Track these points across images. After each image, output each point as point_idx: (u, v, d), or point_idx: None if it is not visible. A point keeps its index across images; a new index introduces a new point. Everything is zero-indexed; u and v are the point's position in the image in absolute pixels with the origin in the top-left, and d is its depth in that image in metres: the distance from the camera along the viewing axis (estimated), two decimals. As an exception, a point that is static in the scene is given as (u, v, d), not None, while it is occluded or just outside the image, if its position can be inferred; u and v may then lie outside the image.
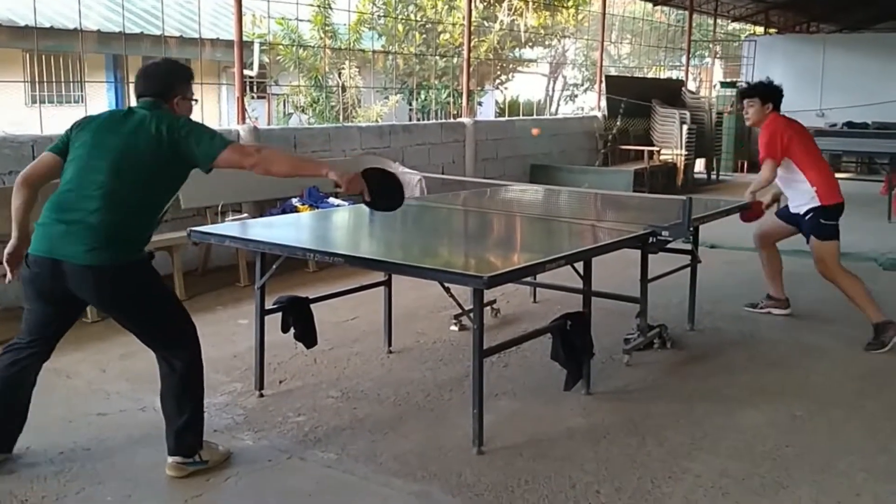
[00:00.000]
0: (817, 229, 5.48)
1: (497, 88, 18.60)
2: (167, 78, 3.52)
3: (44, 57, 13.11)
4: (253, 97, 13.78)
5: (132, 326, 3.47)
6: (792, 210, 5.72)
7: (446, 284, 4.02)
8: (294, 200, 7.24)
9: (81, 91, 13.18)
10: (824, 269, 5.56)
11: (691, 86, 17.61)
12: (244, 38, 8.11)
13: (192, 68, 3.72)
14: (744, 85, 6.04)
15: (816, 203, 5.47)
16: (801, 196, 5.55)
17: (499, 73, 17.76)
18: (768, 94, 5.73)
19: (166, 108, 3.44)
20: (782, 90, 5.88)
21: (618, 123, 13.29)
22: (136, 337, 3.50)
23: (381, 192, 3.64)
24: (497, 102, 19.39)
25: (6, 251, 3.45)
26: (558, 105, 21.88)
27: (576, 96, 21.95)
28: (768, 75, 6.73)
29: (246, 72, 8.77)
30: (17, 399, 3.47)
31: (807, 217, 5.54)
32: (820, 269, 5.59)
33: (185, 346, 3.47)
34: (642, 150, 12.87)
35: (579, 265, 4.23)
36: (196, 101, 3.66)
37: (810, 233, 5.54)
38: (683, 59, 17.42)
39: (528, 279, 5.53)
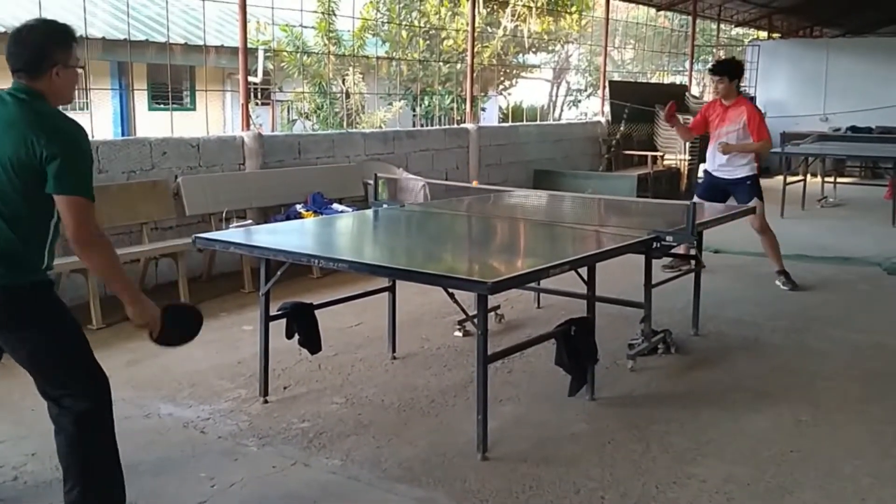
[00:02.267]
0: (758, 191, 6.78)
1: (500, 94, 18.61)
2: (42, 44, 2.82)
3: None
4: (257, 104, 13.81)
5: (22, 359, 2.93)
6: (723, 174, 6.86)
7: (450, 290, 4.03)
8: (298, 207, 7.25)
9: (86, 98, 13.20)
10: (762, 223, 6.86)
11: (695, 91, 17.58)
12: (248, 45, 8.13)
13: (73, 29, 2.94)
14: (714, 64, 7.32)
15: (753, 172, 6.78)
16: (741, 161, 6.77)
17: (502, 78, 17.78)
18: (735, 71, 6.85)
19: (44, 82, 2.81)
20: (744, 67, 7.11)
21: (621, 129, 13.29)
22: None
23: (175, 328, 3.21)
24: (500, 108, 19.39)
25: None
26: (562, 110, 21.86)
27: (579, 101, 21.92)
28: (772, 80, 7.79)
29: (250, 78, 8.78)
30: None
31: (747, 182, 6.77)
32: (758, 224, 6.83)
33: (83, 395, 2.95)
34: (646, 156, 12.87)
35: (583, 270, 4.24)
36: (83, 67, 3.05)
37: (753, 195, 6.69)
38: (687, 64, 17.41)
39: (532, 284, 5.53)
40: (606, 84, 13.93)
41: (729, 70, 6.78)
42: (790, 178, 11.53)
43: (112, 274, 2.95)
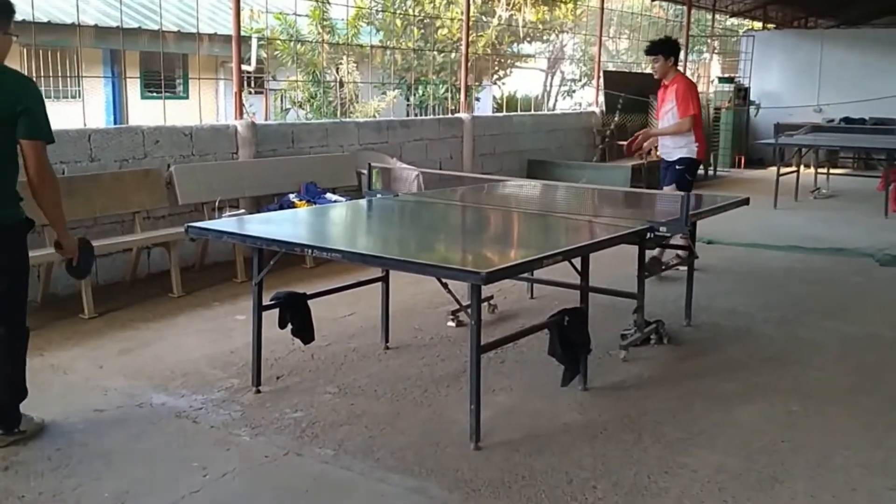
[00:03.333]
0: (682, 182, 6.54)
1: (495, 84, 18.58)
2: None
3: (41, 51, 13.09)
4: (251, 92, 13.75)
5: None
6: (664, 156, 6.78)
7: (444, 280, 4.03)
8: (291, 196, 7.24)
9: (79, 86, 13.16)
10: None
11: (689, 81, 17.59)
12: (242, 34, 8.09)
13: (11, 3, 3.67)
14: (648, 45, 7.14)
15: (692, 155, 6.59)
16: (679, 143, 6.62)
17: (497, 68, 17.75)
18: (669, 49, 6.72)
19: None
20: (679, 44, 7.01)
21: (616, 119, 13.28)
22: None
23: (86, 256, 4.00)
24: (495, 98, 19.37)
25: None
26: (556, 100, 21.84)
27: (574, 91, 21.90)
28: (766, 71, 7.71)
29: (244, 67, 8.75)
30: None
31: (677, 166, 6.60)
32: None
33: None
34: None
35: (577, 261, 4.24)
36: (17, 36, 3.69)
37: (674, 181, 6.57)
38: (681, 55, 17.39)
39: (526, 275, 5.53)
40: (601, 74, 13.91)
41: (663, 49, 6.75)
42: (783, 169, 11.55)
43: (59, 207, 3.67)
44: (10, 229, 3.58)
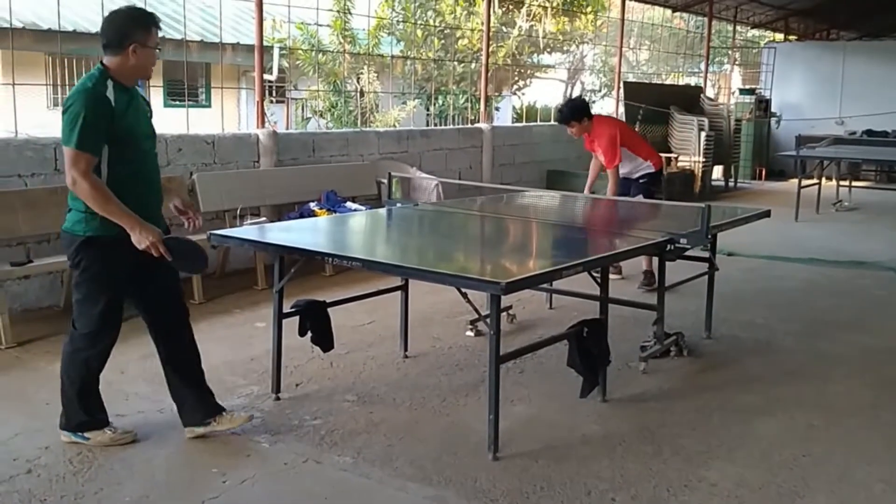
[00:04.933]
0: (647, 194, 6.77)
1: (515, 94, 18.61)
2: (122, 25, 3.46)
3: (66, 60, 13.24)
4: (272, 101, 13.85)
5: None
6: (624, 174, 6.86)
7: (463, 290, 4.04)
8: (312, 205, 7.28)
9: (103, 94, 13.27)
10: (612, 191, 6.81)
11: (710, 92, 17.54)
12: (264, 43, 8.16)
13: (156, 15, 3.58)
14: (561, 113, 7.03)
15: (651, 170, 6.88)
16: (636, 168, 6.88)
17: (516, 78, 17.77)
18: (577, 112, 6.75)
19: (115, 61, 3.47)
20: (583, 99, 7.40)
21: (636, 130, 13.24)
22: None
23: (180, 255, 3.63)
24: (514, 108, 19.39)
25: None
26: (576, 111, 21.83)
27: (594, 102, 21.91)
28: (787, 82, 7.64)
29: (265, 76, 8.81)
30: None
31: (640, 181, 6.87)
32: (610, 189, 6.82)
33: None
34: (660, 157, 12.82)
35: (596, 272, 4.23)
36: (160, 48, 3.58)
37: (639, 193, 6.76)
38: (702, 66, 17.36)
39: (545, 285, 5.53)
40: (621, 85, 13.90)
41: (571, 116, 6.69)
42: (805, 182, 11.48)
43: (97, 209, 3.42)
44: (80, 241, 3.53)
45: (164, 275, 3.73)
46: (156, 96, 14.69)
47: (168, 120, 13.12)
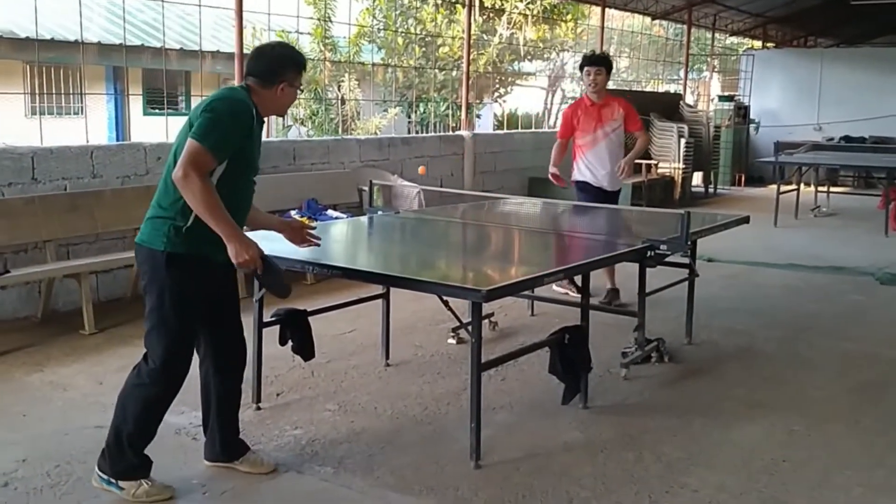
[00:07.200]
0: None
1: (496, 101, 18.63)
2: (277, 61, 3.41)
3: (44, 68, 13.14)
4: (253, 109, 13.80)
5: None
6: (607, 185, 6.56)
7: (444, 297, 4.03)
8: (293, 213, 7.25)
9: (81, 103, 13.18)
10: None
11: (689, 99, 17.65)
12: (244, 51, 8.13)
13: (303, 58, 3.55)
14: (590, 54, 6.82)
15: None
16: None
17: (497, 86, 17.80)
18: (611, 64, 6.60)
19: (261, 91, 3.37)
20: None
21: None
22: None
23: (271, 273, 3.49)
24: (496, 115, 19.42)
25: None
26: (556, 118, 21.91)
27: (574, 109, 21.97)
28: (766, 89, 7.56)
29: (245, 84, 8.77)
30: None
31: (618, 191, 6.65)
32: None
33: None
34: (640, 164, 12.87)
35: (577, 278, 4.24)
36: (302, 90, 3.58)
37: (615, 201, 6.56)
38: (682, 73, 17.48)
39: (526, 292, 5.53)
40: (601, 92, 13.93)
41: (607, 62, 6.54)
42: (783, 188, 11.58)
43: (199, 211, 3.19)
44: (159, 257, 3.26)
45: (235, 308, 3.64)
46: (135, 104, 14.63)
47: (147, 128, 13.11)
